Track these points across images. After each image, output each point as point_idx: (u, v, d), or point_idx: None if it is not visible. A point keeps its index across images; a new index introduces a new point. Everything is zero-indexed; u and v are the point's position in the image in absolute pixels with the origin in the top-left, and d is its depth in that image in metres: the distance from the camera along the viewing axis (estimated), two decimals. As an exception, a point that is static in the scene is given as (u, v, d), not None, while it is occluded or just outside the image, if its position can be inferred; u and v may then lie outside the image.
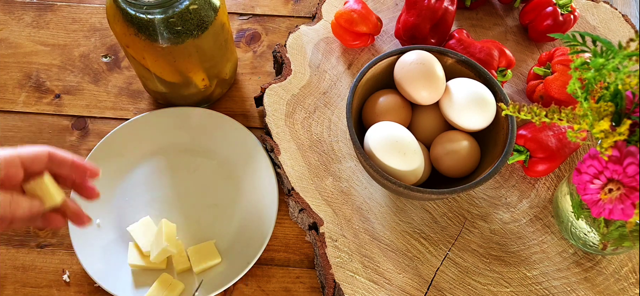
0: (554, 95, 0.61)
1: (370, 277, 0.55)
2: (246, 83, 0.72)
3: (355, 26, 0.66)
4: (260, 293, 0.58)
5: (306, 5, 0.80)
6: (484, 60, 0.63)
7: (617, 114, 0.42)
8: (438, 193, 0.51)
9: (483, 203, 0.60)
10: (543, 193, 0.60)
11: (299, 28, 0.72)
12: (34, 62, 0.74)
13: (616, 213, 0.41)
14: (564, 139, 0.58)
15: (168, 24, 0.54)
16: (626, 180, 0.40)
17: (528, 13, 0.70)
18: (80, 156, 0.66)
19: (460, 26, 0.74)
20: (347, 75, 0.68)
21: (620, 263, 0.56)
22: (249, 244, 0.58)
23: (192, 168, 0.64)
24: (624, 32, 0.72)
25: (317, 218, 0.58)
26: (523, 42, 0.72)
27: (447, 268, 0.56)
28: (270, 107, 0.64)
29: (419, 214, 0.59)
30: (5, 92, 0.71)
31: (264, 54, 0.75)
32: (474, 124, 0.55)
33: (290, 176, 0.60)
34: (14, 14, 0.78)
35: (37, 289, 0.58)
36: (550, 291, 0.55)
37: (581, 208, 0.51)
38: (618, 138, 0.39)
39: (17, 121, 0.69)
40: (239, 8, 0.79)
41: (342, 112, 0.65)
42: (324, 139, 0.63)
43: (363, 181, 0.61)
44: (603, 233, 0.51)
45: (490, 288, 0.55)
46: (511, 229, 0.58)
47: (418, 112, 0.60)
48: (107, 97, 0.71)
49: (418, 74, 0.55)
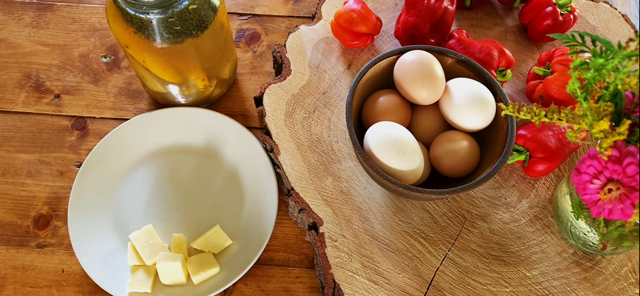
0: (553, 95, 0.61)
1: (370, 277, 0.55)
2: (246, 83, 0.72)
3: (355, 26, 0.66)
4: (260, 293, 0.58)
5: (306, 5, 0.80)
6: (483, 60, 0.63)
7: (616, 114, 0.42)
8: (438, 193, 0.51)
9: (483, 203, 0.60)
10: (543, 193, 0.60)
11: (299, 28, 0.72)
12: (34, 62, 0.74)
13: (616, 213, 0.41)
14: (564, 139, 0.58)
15: (167, 24, 0.54)
16: (626, 180, 0.40)
17: (528, 13, 0.70)
18: (80, 156, 0.66)
19: (460, 26, 0.74)
20: (346, 75, 0.68)
21: (620, 263, 0.56)
22: (249, 244, 0.58)
23: (192, 168, 0.64)
24: (624, 32, 0.72)
25: (316, 218, 0.58)
26: (523, 42, 0.72)
27: (446, 268, 0.56)
28: (270, 107, 0.64)
29: (419, 214, 0.59)
30: (5, 92, 0.71)
31: (263, 54, 0.75)
32: (474, 124, 0.55)
33: (290, 176, 0.60)
34: (14, 14, 0.78)
35: (37, 289, 0.58)
36: (550, 291, 0.55)
37: (581, 208, 0.51)
38: (617, 138, 0.39)
39: (17, 121, 0.69)
40: (238, 8, 0.79)
41: (341, 112, 0.65)
42: (324, 139, 0.63)
43: (363, 181, 0.61)
44: (603, 233, 0.51)
45: (490, 288, 0.55)
46: (511, 229, 0.58)
47: (418, 112, 0.60)
48: (107, 98, 0.71)
49: (418, 74, 0.55)
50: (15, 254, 0.60)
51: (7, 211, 0.63)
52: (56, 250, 0.60)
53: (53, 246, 0.60)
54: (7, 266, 0.59)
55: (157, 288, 0.56)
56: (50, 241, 0.61)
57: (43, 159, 0.66)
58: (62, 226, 0.62)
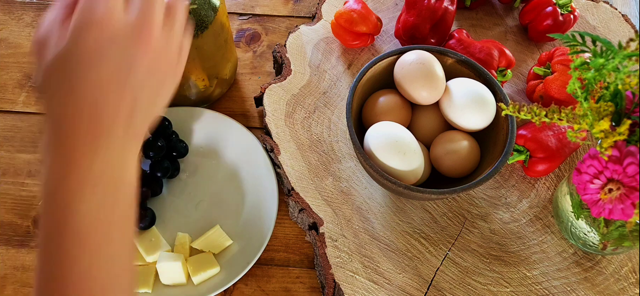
0: (553, 95, 0.61)
1: (370, 277, 0.55)
2: (246, 83, 0.72)
3: (355, 26, 0.66)
4: (260, 293, 0.58)
5: (306, 5, 0.80)
6: (483, 60, 0.63)
7: (617, 114, 0.42)
8: (438, 193, 0.51)
9: (483, 203, 0.60)
10: (543, 193, 0.60)
11: (299, 28, 0.72)
12: (34, 62, 0.74)
13: (616, 213, 0.41)
14: (564, 139, 0.58)
15: (168, 24, 0.54)
16: (626, 180, 0.40)
17: (528, 13, 0.70)
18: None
19: (460, 26, 0.74)
20: (347, 75, 0.68)
21: (620, 263, 0.56)
22: (249, 244, 0.58)
23: (192, 168, 0.64)
24: (624, 32, 0.72)
25: (317, 218, 0.58)
26: (523, 42, 0.72)
27: (447, 268, 0.56)
28: (270, 107, 0.64)
29: (419, 214, 0.59)
30: (5, 92, 0.71)
31: (263, 54, 0.75)
32: (474, 124, 0.55)
33: (290, 176, 0.60)
34: (14, 14, 0.78)
35: (37, 289, 0.58)
36: (550, 291, 0.55)
37: (581, 208, 0.51)
38: (618, 138, 0.39)
39: (17, 121, 0.69)
40: (238, 8, 0.79)
41: (342, 112, 0.65)
42: (324, 139, 0.63)
43: (363, 181, 0.61)
44: (603, 233, 0.51)
45: (490, 288, 0.55)
46: (511, 229, 0.58)
47: (418, 112, 0.60)
48: (107, 97, 0.71)
49: (418, 74, 0.55)
50: (16, 254, 0.60)
51: (7, 211, 0.63)
52: (56, 249, 0.60)
53: (53, 246, 0.60)
54: (7, 266, 0.59)
55: (157, 288, 0.56)
56: (51, 241, 0.61)
57: (43, 159, 0.66)
58: (62, 226, 0.61)
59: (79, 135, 0.32)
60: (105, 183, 0.33)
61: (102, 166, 0.33)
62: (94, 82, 0.32)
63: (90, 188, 0.32)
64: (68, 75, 0.32)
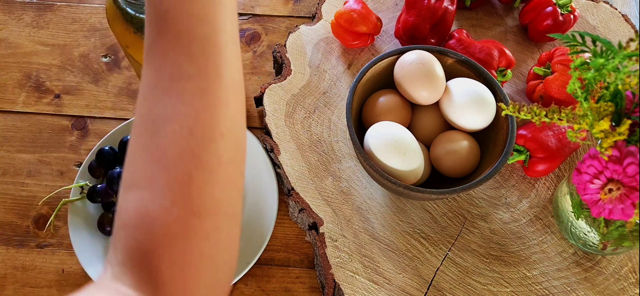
0: (553, 95, 0.61)
1: (370, 277, 0.55)
2: (246, 83, 0.72)
3: (355, 26, 0.66)
4: (260, 293, 0.58)
5: (306, 5, 0.80)
6: (483, 60, 0.63)
7: (617, 114, 0.42)
8: (438, 193, 0.51)
9: (483, 203, 0.60)
10: (543, 193, 0.60)
11: (299, 28, 0.72)
12: (34, 62, 0.74)
13: (616, 213, 0.41)
14: (564, 139, 0.58)
15: (168, 24, 0.54)
16: (626, 180, 0.40)
17: (528, 13, 0.70)
18: (80, 156, 0.66)
19: (460, 26, 0.74)
20: (347, 75, 0.68)
21: (620, 263, 0.56)
22: (249, 244, 0.58)
23: (192, 168, 0.64)
24: (624, 32, 0.72)
25: (317, 218, 0.58)
26: (523, 42, 0.72)
27: (447, 268, 0.56)
28: (270, 107, 0.64)
29: (419, 214, 0.59)
30: (5, 92, 0.71)
31: (263, 54, 0.75)
32: (474, 124, 0.55)
33: (290, 176, 0.60)
34: (14, 14, 0.78)
35: (37, 289, 0.58)
36: (550, 291, 0.55)
37: (581, 208, 0.51)
38: (618, 138, 0.39)
39: (17, 121, 0.69)
40: (238, 8, 0.79)
41: (342, 112, 0.65)
42: (324, 139, 0.63)
43: (363, 181, 0.61)
44: (603, 233, 0.51)
45: (490, 288, 0.55)
46: (511, 229, 0.58)
47: (418, 112, 0.60)
48: (107, 97, 0.71)
49: (418, 74, 0.55)
50: (16, 254, 0.60)
51: (7, 211, 0.63)
52: (56, 249, 0.60)
53: (53, 246, 0.60)
54: (7, 266, 0.59)
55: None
56: (51, 241, 0.61)
57: (43, 159, 0.66)
58: (62, 226, 0.61)
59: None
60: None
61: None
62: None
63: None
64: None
